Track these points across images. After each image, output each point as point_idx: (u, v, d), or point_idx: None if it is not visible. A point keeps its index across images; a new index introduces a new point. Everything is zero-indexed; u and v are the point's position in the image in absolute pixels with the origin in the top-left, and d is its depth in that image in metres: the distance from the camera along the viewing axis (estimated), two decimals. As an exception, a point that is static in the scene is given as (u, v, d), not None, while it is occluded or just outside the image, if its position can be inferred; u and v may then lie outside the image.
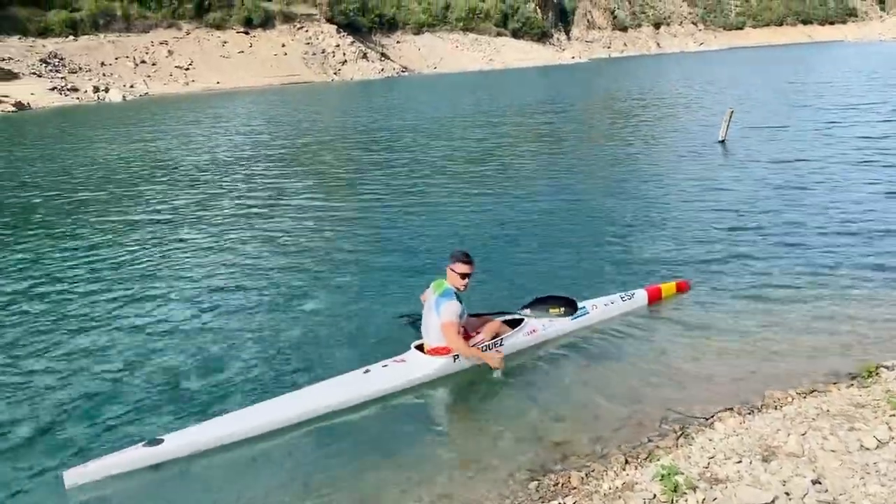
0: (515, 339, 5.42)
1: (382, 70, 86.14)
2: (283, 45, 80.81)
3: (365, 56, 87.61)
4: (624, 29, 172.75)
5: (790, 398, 4.45)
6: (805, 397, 4.43)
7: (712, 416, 4.32)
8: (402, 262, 8.05)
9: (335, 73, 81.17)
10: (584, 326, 5.84)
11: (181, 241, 9.57)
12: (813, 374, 4.91)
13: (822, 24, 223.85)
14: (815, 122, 17.89)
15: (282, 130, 25.13)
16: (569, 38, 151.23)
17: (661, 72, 59.78)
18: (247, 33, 79.95)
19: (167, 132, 26.29)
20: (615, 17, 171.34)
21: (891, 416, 3.87)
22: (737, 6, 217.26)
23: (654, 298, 6.32)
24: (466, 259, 5.14)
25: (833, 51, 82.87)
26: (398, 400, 4.86)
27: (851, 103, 21.58)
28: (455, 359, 5.11)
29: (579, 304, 5.83)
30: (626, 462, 3.85)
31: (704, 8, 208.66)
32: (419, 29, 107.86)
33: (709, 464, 3.62)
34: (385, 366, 5.02)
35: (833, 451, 3.58)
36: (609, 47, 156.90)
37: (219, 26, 78.25)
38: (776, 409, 4.30)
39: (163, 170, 16.54)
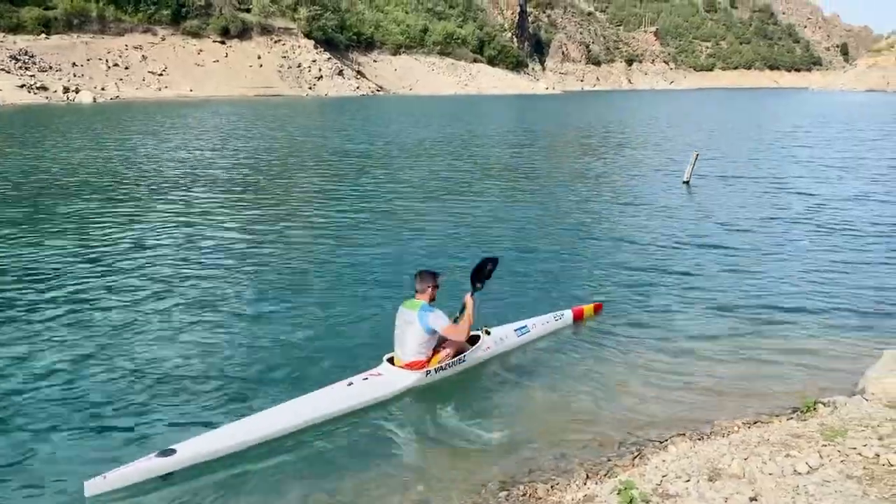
0: (475, 354, 6.00)
1: (358, 88, 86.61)
2: (259, 57, 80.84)
3: (341, 73, 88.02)
4: (597, 63, 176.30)
5: (736, 427, 4.90)
6: (749, 427, 4.89)
7: (666, 440, 4.75)
8: (361, 281, 8.44)
9: (310, 88, 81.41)
10: (528, 341, 6.58)
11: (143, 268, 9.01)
12: (759, 406, 5.37)
13: (788, 70, 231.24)
14: (774, 172, 18.74)
15: (253, 144, 25.35)
16: (543, 69, 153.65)
17: (632, 108, 61.33)
18: (223, 43, 79.82)
19: (134, 139, 26.31)
20: (589, 52, 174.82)
21: (822, 445, 4.33)
22: (707, 48, 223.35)
23: (578, 318, 7.17)
24: (428, 274, 5.76)
25: (797, 98, 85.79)
26: (377, 412, 5.22)
27: (813, 156, 22.66)
28: (427, 373, 5.57)
29: (524, 322, 6.66)
30: (588, 477, 4.24)
31: (676, 48, 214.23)
32: (396, 50, 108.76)
33: (661, 481, 4.02)
34: (365, 379, 5.40)
35: (770, 474, 4.01)
36: (582, 80, 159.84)
37: (195, 34, 77.97)
38: (723, 436, 4.74)
39: (122, 181, 16.63)
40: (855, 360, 6.04)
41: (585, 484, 4.15)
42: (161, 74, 69.19)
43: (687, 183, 16.13)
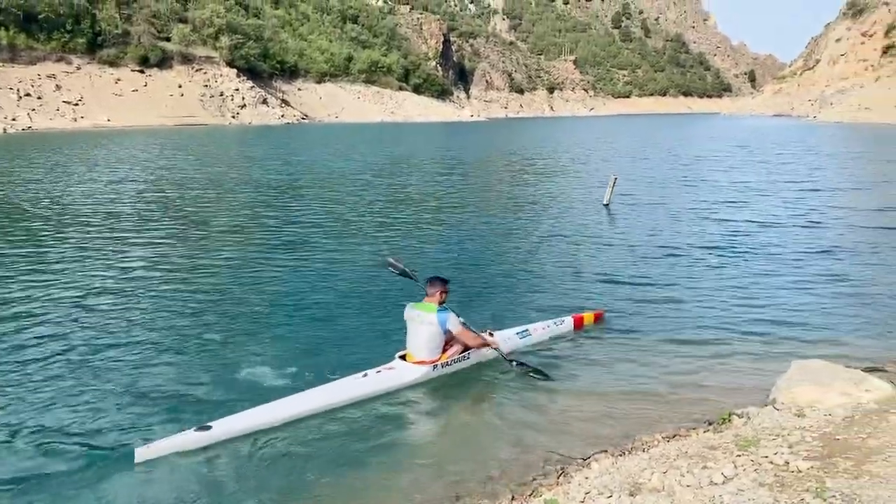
0: (478, 353, 6.49)
1: (283, 116, 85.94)
2: (180, 86, 79.32)
3: (265, 101, 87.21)
4: (520, 91, 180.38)
5: (656, 441, 5.01)
6: (669, 441, 5.01)
7: (589, 457, 4.82)
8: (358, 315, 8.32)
9: (233, 117, 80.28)
10: (530, 345, 7.08)
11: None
12: (677, 420, 5.51)
13: (700, 96, 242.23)
14: (690, 195, 19.52)
15: (156, 175, 24.75)
16: (468, 97, 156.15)
17: (554, 134, 62.83)
18: (142, 72, 78.00)
19: (39, 172, 25.32)
20: (512, 80, 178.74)
21: (737, 456, 4.47)
22: (624, 76, 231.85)
23: (578, 325, 7.61)
24: (438, 280, 6.34)
25: (710, 123, 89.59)
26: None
27: (726, 179, 23.65)
28: (435, 367, 6.14)
29: (526, 327, 7.25)
30: (513, 498, 4.26)
31: (595, 76, 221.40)
32: (321, 78, 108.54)
33: (584, 498, 4.07)
34: (378, 371, 6.00)
35: (688, 486, 4.11)
36: (506, 108, 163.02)
37: (112, 63, 75.93)
38: (644, 450, 4.84)
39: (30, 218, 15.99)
40: (767, 373, 6.25)
41: (511, 505, 4.16)
42: (77, 104, 66.97)
43: (607, 206, 16.57)
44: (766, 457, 4.34)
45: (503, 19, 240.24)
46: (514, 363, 6.33)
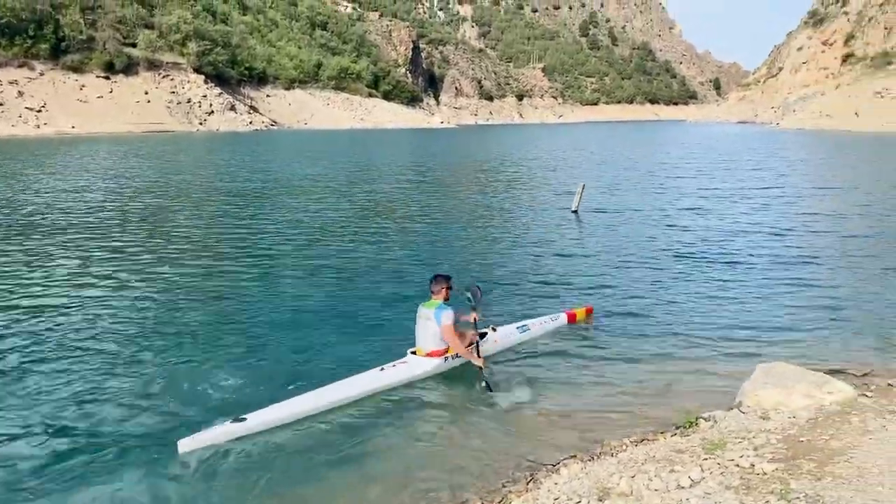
0: (484, 346, 6.75)
1: (251, 123, 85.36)
2: (147, 93, 78.47)
3: (233, 108, 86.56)
4: (490, 98, 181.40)
5: (625, 446, 5.03)
6: (637, 445, 5.03)
7: (558, 463, 4.82)
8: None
9: (201, 124, 79.56)
10: (529, 339, 7.47)
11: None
12: (646, 424, 5.54)
13: (667, 103, 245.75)
14: (657, 201, 19.73)
15: (116, 184, 24.41)
16: (438, 104, 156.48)
17: (524, 143, 63.14)
18: (107, 78, 76.95)
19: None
20: (482, 87, 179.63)
21: (704, 459, 4.51)
22: (592, 83, 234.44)
23: (572, 320, 8.06)
24: (441, 277, 6.69)
25: (677, 129, 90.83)
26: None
27: (693, 185, 23.99)
28: (446, 359, 6.54)
29: (525, 322, 7.63)
30: (482, 506, 4.24)
31: (563, 83, 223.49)
32: (290, 84, 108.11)
33: (553, 504, 4.08)
34: (394, 365, 6.41)
35: (656, 489, 4.13)
36: (476, 115, 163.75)
37: (77, 69, 74.88)
38: (612, 455, 4.86)
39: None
40: (733, 376, 6.32)
41: (480, 513, 4.15)
42: (40, 111, 65.95)
43: (576, 212, 16.69)
44: (733, 460, 4.38)
45: (472, 27, 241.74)
46: (484, 383, 6.21)
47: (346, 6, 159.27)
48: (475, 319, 6.68)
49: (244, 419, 5.30)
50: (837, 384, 5.45)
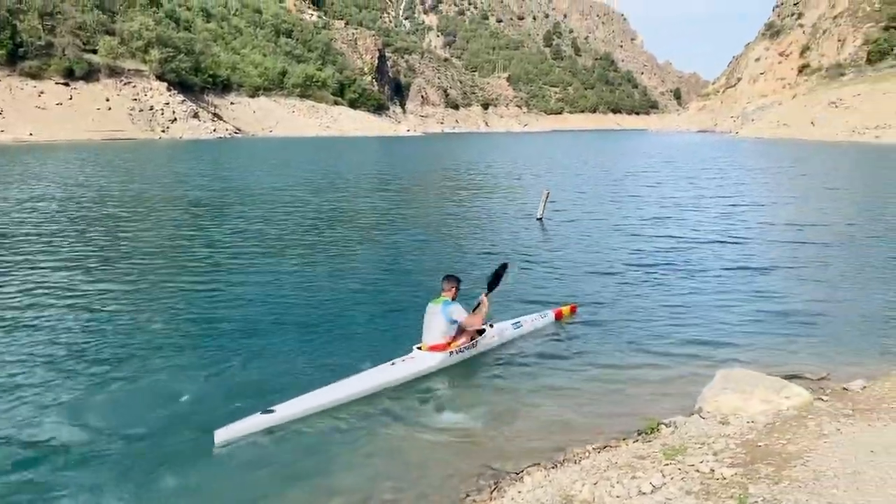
0: (484, 341, 7.39)
1: (215, 130, 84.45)
2: (108, 100, 77.18)
3: (196, 115, 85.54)
4: (456, 107, 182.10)
5: (587, 453, 5.06)
6: (599, 452, 5.06)
7: (522, 471, 4.82)
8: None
9: (163, 131, 78.51)
10: (522, 334, 7.95)
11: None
12: (608, 430, 5.57)
13: (629, 113, 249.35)
14: (618, 209, 19.99)
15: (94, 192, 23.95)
16: (404, 112, 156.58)
17: (489, 150, 63.42)
18: (67, 84, 75.50)
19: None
20: (447, 96, 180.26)
21: (665, 465, 4.55)
22: (556, 93, 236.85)
23: (559, 317, 8.58)
24: (452, 277, 7.24)
25: (639, 139, 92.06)
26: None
27: (655, 193, 24.30)
28: (451, 354, 6.95)
29: (518, 319, 8.13)
30: (446, 515, 4.22)
31: (528, 93, 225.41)
32: (254, 92, 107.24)
33: (516, 513, 4.08)
34: (404, 360, 6.79)
35: (618, 496, 4.16)
36: (442, 123, 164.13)
37: (35, 75, 73.37)
38: (575, 462, 4.88)
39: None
40: (693, 382, 6.39)
41: (443, 523, 4.13)
42: (-5, 117, 64.30)
43: (540, 220, 16.80)
44: (693, 465, 4.43)
45: (438, 36, 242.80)
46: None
47: (312, 14, 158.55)
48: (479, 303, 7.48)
49: (272, 410, 5.70)
50: (794, 389, 5.55)
